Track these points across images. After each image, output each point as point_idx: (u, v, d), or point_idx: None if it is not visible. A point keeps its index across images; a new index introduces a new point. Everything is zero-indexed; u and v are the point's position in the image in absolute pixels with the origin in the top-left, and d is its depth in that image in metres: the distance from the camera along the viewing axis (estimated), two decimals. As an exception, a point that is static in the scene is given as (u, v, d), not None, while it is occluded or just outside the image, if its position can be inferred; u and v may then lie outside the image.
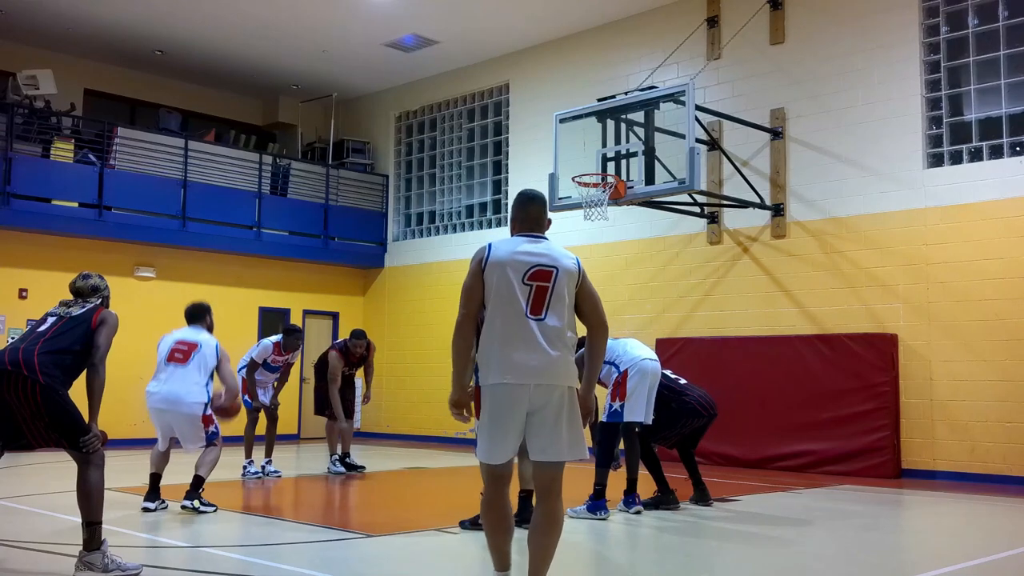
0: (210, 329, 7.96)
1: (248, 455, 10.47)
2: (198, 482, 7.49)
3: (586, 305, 4.37)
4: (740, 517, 7.88)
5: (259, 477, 10.30)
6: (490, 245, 4.37)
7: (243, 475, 10.25)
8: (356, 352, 11.09)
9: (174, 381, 7.48)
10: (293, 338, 10.62)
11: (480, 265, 4.29)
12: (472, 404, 4.31)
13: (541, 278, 4.24)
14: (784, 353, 11.82)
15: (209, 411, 7.55)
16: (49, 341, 5.20)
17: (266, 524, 7.27)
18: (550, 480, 4.20)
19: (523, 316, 4.18)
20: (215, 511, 7.44)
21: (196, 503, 7.40)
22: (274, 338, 10.59)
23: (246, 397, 10.13)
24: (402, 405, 16.90)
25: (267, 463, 10.51)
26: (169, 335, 7.81)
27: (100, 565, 5.07)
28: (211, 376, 7.66)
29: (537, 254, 4.32)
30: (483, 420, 4.20)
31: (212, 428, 7.60)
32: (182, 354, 7.58)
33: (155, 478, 7.57)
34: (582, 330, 4.42)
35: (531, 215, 4.55)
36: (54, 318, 5.38)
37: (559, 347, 4.18)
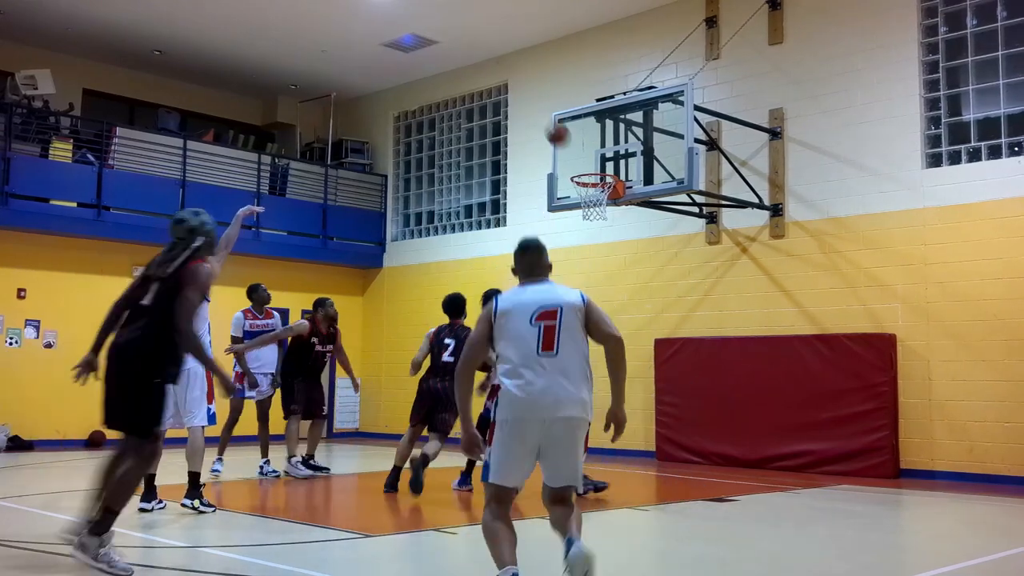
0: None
1: (220, 452, 10.20)
2: (195, 479, 7.44)
3: (595, 326, 4.58)
4: (739, 517, 7.89)
5: (216, 474, 9.88)
6: (496, 299, 4.71)
7: (212, 471, 9.84)
8: (330, 313, 10.48)
9: None
10: (258, 294, 10.48)
11: (489, 319, 4.61)
12: (485, 435, 4.59)
13: (547, 317, 4.51)
14: (783, 353, 11.82)
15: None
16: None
17: (265, 524, 7.27)
18: (560, 499, 4.51)
19: (535, 355, 4.44)
20: (214, 511, 7.43)
21: (196, 503, 7.37)
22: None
23: (239, 385, 9.79)
24: (401, 405, 16.83)
25: (264, 463, 10.34)
26: None
27: (92, 552, 5.03)
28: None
29: (540, 296, 4.61)
30: (497, 448, 4.46)
31: (212, 407, 7.58)
32: None
33: (149, 478, 7.46)
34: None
35: (528, 263, 4.89)
36: None
37: (574, 379, 4.43)
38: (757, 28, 12.60)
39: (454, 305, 9.52)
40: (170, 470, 8.07)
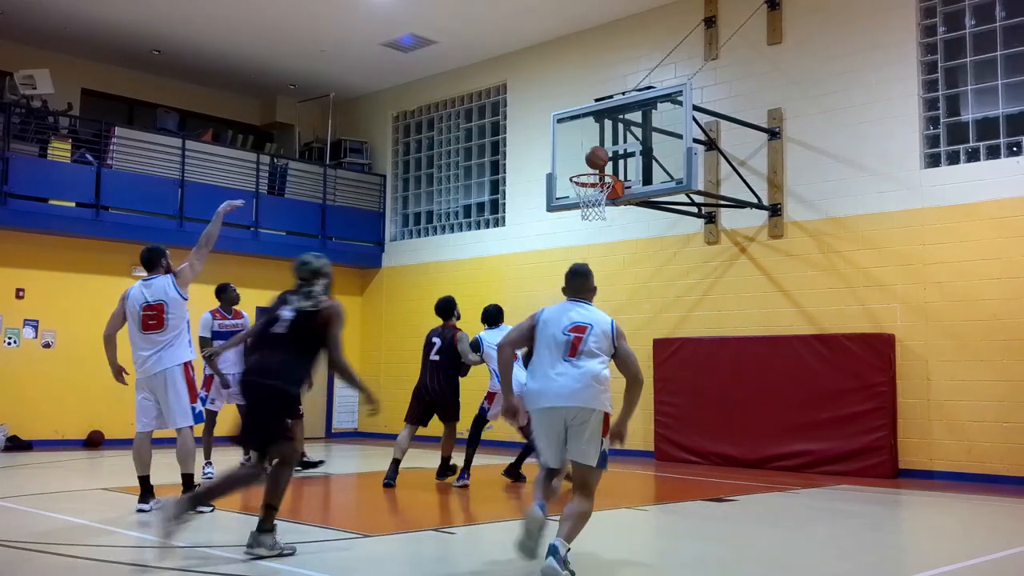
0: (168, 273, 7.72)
1: (207, 456, 10.04)
2: (189, 481, 7.35)
3: (622, 363, 5.52)
4: (738, 517, 7.89)
5: (210, 479, 9.59)
6: (543, 310, 5.71)
7: (204, 475, 9.65)
8: None
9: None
10: (227, 295, 10.21)
11: (533, 323, 5.64)
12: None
13: (578, 331, 5.48)
14: (781, 353, 11.83)
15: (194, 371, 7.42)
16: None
17: (264, 524, 7.26)
18: (581, 476, 5.38)
19: (562, 359, 5.43)
20: (212, 511, 7.42)
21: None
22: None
23: (203, 393, 9.66)
24: (400, 405, 16.81)
25: (206, 464, 9.88)
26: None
27: (270, 545, 5.66)
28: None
29: (577, 315, 5.58)
30: (536, 436, 5.55)
31: (197, 406, 7.49)
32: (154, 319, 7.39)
33: (144, 479, 7.40)
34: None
35: (575, 285, 5.80)
36: None
37: (588, 381, 5.34)
38: (756, 28, 12.60)
39: (444, 308, 10.21)
40: (163, 472, 8.06)
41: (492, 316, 9.91)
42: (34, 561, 5.55)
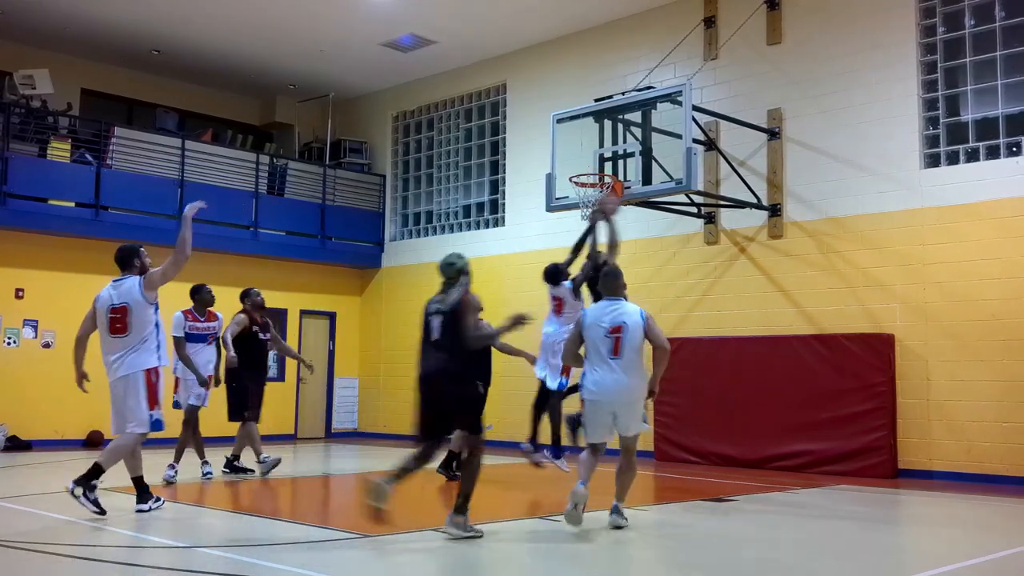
0: (142, 273, 7.42)
1: (201, 455, 9.86)
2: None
3: (650, 337, 6.90)
4: (737, 517, 7.89)
5: (209, 477, 9.68)
6: (585, 312, 7.18)
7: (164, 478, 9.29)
8: (257, 301, 10.28)
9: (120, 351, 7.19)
10: (201, 296, 9.85)
11: (579, 328, 7.10)
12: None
13: (616, 332, 6.86)
14: (781, 353, 11.83)
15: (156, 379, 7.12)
16: None
17: (263, 524, 7.27)
18: (626, 444, 6.98)
19: (608, 358, 6.86)
20: (161, 503, 7.32)
21: (147, 505, 7.18)
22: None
23: (176, 397, 9.55)
24: (400, 405, 16.88)
25: (171, 466, 9.49)
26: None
27: (463, 527, 6.33)
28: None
29: (612, 316, 6.91)
30: (587, 418, 6.99)
31: (156, 414, 7.09)
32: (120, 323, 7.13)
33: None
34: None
35: (609, 285, 7.18)
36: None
37: (631, 374, 6.86)
38: (755, 28, 12.61)
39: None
40: (151, 472, 8.05)
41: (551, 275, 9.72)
42: (34, 561, 5.55)
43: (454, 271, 6.72)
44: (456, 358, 6.54)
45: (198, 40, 15.44)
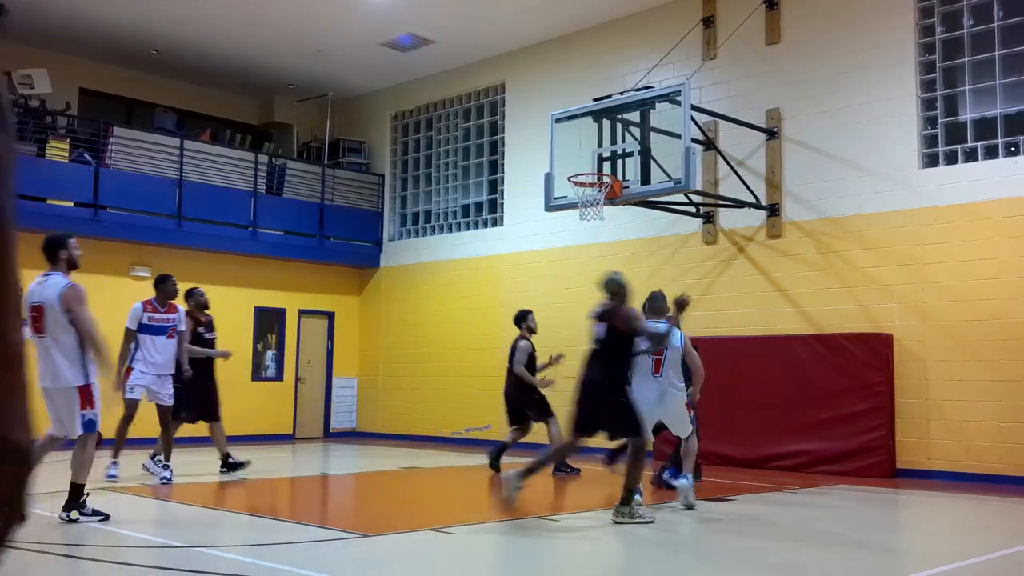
0: (71, 268, 6.71)
1: (115, 455, 9.37)
2: (76, 491, 6.67)
3: (687, 360, 8.26)
4: (735, 517, 7.90)
5: (114, 479, 9.11)
6: None
7: (107, 476, 9.09)
8: (201, 301, 10.13)
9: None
10: (166, 287, 9.42)
11: None
12: None
13: (658, 353, 7.94)
14: (779, 353, 11.83)
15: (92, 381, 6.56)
16: None
17: (262, 524, 7.27)
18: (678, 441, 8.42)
19: (651, 376, 7.96)
20: (106, 519, 6.72)
21: (75, 514, 6.61)
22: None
23: (126, 383, 9.17)
24: (399, 405, 16.90)
25: (158, 460, 9.45)
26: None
27: (629, 513, 7.06)
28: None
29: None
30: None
31: (90, 413, 6.56)
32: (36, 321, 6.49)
33: (73, 487, 6.70)
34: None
35: (655, 307, 8.30)
36: None
37: (672, 387, 7.99)
38: (754, 28, 12.61)
39: (516, 318, 11.06)
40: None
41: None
42: (34, 561, 5.55)
43: (615, 285, 7.61)
44: (608, 370, 7.32)
45: (197, 40, 15.43)
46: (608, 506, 7.56)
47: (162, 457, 9.51)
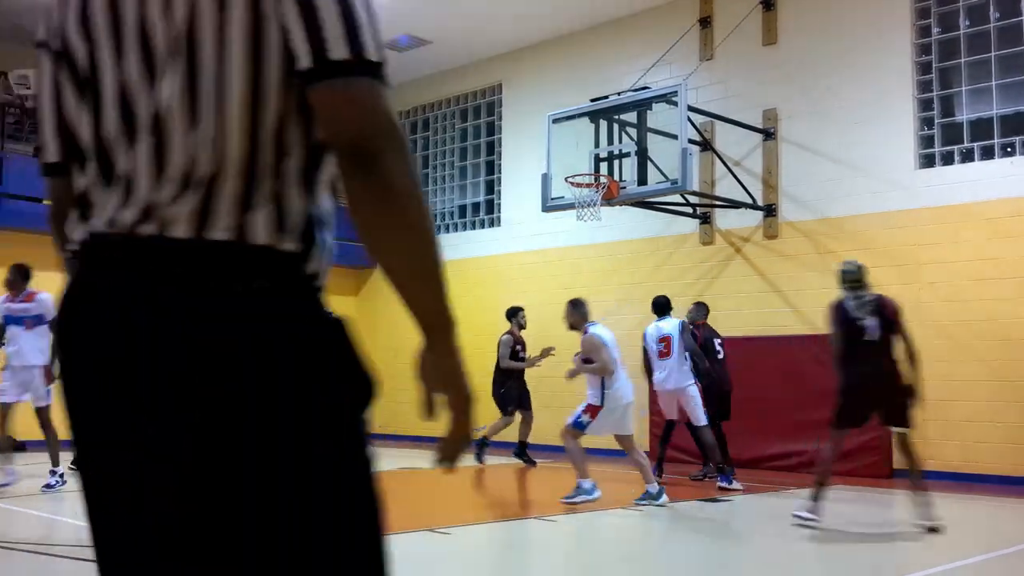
0: None
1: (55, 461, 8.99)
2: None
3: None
4: (733, 517, 7.91)
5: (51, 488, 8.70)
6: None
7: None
8: None
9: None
10: (13, 273, 8.74)
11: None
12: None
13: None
14: (776, 353, 11.85)
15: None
16: None
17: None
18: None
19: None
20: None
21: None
22: None
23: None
24: (397, 406, 16.83)
25: (54, 472, 8.94)
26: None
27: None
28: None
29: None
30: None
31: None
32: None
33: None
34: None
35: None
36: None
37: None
38: (751, 28, 12.63)
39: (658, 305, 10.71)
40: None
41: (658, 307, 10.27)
42: (33, 561, 5.55)
43: (862, 274, 7.40)
44: (890, 360, 7.16)
45: (194, 40, 15.40)
46: (608, 506, 7.58)
47: None
